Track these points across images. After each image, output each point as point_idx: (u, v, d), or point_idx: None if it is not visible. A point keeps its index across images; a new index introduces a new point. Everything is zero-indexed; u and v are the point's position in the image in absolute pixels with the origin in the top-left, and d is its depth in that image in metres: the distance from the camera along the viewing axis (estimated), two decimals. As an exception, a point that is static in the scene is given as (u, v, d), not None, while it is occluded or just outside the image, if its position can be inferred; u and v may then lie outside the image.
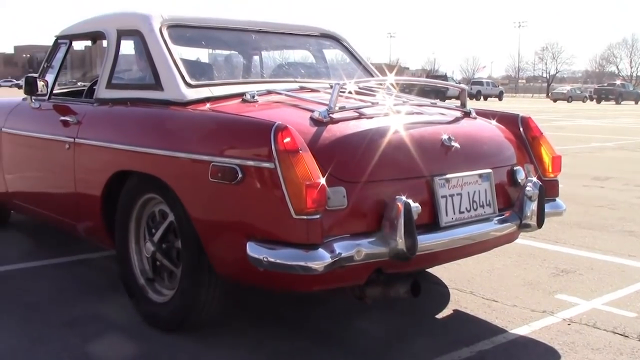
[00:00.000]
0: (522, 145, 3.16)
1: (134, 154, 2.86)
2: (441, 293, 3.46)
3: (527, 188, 2.83)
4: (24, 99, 4.01)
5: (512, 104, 39.10)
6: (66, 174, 3.36)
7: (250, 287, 2.92)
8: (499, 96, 51.47)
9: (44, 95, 3.77)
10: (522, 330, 2.97)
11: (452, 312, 3.21)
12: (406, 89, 3.72)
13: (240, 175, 2.34)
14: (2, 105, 4.29)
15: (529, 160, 3.14)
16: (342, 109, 2.65)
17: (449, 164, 2.70)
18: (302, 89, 3.20)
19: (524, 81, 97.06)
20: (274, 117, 2.47)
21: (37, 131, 3.71)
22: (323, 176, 2.26)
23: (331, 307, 3.23)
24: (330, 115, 2.56)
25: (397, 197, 2.38)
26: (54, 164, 3.50)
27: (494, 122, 3.25)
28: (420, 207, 2.41)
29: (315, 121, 2.53)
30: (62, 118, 3.44)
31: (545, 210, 2.89)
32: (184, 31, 3.36)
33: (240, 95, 2.94)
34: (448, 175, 2.65)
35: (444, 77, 47.53)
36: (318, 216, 2.23)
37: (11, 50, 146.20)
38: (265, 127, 2.33)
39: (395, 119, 2.74)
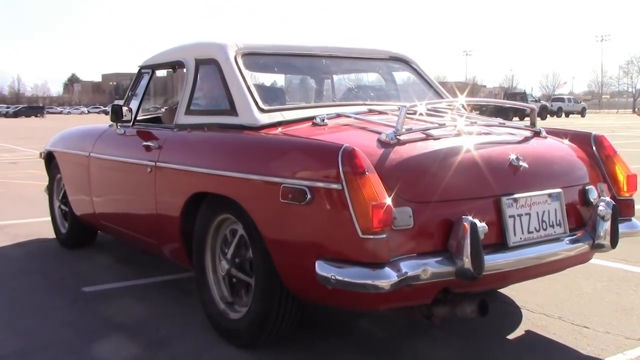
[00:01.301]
0: (595, 164, 3.11)
1: (210, 176, 2.97)
2: (527, 318, 3.33)
3: (600, 207, 2.77)
4: (110, 126, 4.24)
5: (595, 121, 37.66)
6: (148, 196, 3.49)
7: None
8: (582, 112, 49.67)
9: (129, 121, 3.97)
10: (616, 359, 2.82)
11: (540, 338, 3.09)
12: (483, 107, 3.65)
13: (309, 197, 2.42)
14: (90, 132, 4.55)
15: (603, 179, 3.08)
16: (409, 130, 2.68)
17: (517, 183, 2.69)
18: (370, 111, 3.25)
19: (608, 97, 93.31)
20: (342, 139, 2.54)
21: (122, 156, 3.89)
22: (389, 196, 2.31)
23: (397, 327, 3.18)
24: (397, 137, 2.60)
25: (463, 217, 2.39)
26: (138, 187, 3.64)
27: (565, 141, 3.20)
28: (487, 227, 2.41)
29: (382, 143, 2.58)
30: (145, 143, 3.60)
31: (621, 230, 2.83)
32: (257, 58, 3.50)
33: (311, 119, 3.05)
34: (516, 195, 2.64)
35: (523, 95, 46.24)
36: (384, 236, 2.27)
37: (99, 79, 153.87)
38: (333, 150, 2.40)
39: (462, 139, 2.75)
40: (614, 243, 2.79)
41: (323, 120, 2.99)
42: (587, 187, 2.93)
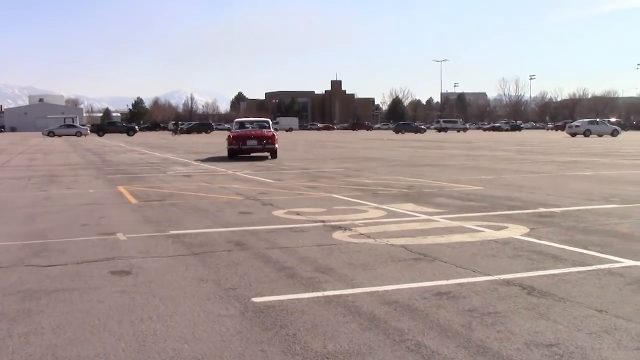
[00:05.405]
0: (270, 135, 21.64)
1: None
2: None
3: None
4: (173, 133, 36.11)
5: None
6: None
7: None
8: None
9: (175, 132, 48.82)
10: None
11: None
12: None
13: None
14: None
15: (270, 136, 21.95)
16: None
17: (250, 139, 21.94)
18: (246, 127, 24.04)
19: None
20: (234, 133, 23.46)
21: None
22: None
23: None
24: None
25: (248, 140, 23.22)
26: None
27: (271, 132, 22.29)
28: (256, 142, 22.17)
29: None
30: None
31: None
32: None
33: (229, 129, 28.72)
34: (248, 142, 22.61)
35: None
36: (233, 142, 22.28)
37: (262, 97, 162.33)
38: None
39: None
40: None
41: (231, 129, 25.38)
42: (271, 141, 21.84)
